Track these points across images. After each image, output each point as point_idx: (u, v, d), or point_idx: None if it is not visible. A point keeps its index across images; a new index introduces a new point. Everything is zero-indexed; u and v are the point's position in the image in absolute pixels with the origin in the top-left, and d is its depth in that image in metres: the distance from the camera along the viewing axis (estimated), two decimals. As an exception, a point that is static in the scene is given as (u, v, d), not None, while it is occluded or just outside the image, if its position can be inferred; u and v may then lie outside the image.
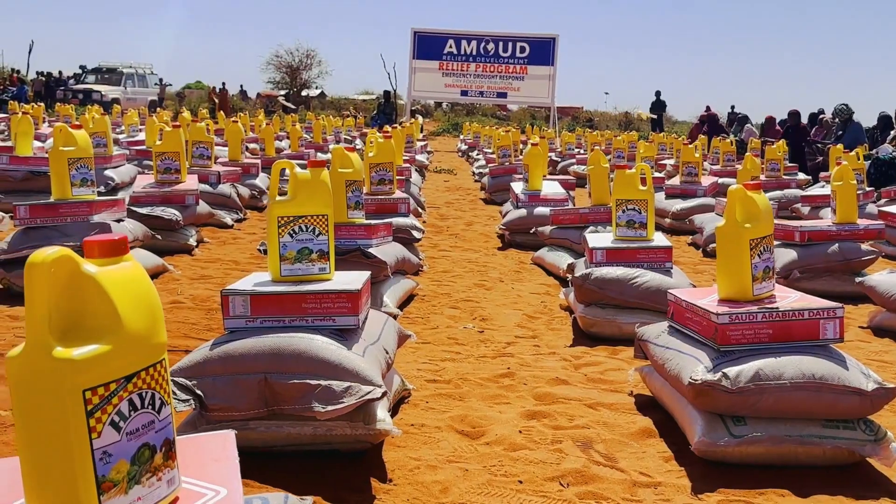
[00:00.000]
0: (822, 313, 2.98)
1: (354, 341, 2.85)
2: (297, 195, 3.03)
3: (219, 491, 1.45)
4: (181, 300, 4.90)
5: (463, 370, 3.86)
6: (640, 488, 2.69)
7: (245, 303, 2.84)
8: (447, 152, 20.90)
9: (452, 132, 29.02)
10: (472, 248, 7.34)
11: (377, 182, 6.21)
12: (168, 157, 6.95)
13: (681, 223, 8.48)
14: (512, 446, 2.98)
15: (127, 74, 30.91)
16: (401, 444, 2.96)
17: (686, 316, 3.20)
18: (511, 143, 11.45)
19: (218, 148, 10.30)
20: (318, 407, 2.61)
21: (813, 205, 8.85)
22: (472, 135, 20.87)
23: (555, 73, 25.45)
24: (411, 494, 2.59)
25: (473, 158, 16.60)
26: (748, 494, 2.65)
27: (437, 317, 4.87)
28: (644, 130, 27.31)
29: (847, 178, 6.01)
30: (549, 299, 5.42)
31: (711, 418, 2.88)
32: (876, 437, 2.84)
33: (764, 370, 2.82)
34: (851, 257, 5.70)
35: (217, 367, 2.70)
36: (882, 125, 13.62)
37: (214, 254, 6.52)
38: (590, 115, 38.27)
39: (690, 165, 9.16)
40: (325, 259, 3.07)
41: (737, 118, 19.65)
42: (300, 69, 39.89)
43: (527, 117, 33.92)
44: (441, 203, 10.64)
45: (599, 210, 6.23)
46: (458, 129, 28.09)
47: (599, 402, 3.48)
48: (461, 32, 26.06)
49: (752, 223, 3.10)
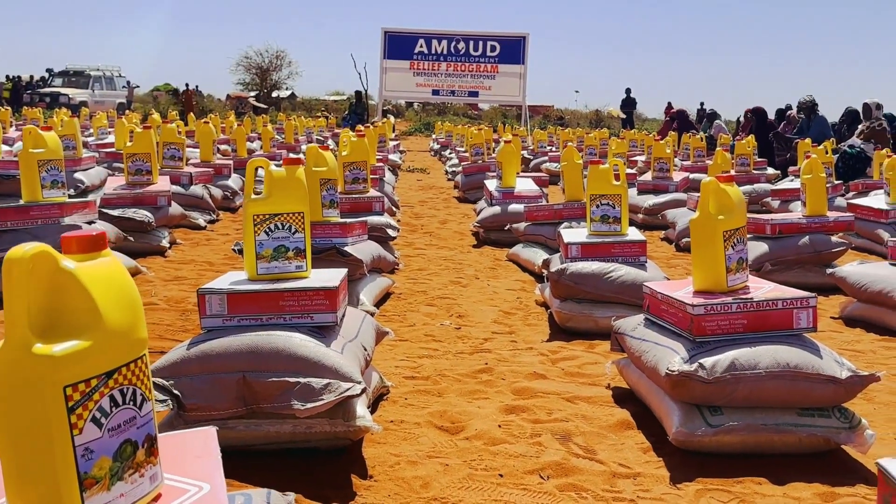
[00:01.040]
0: (796, 303, 3.02)
1: (333, 338, 2.85)
2: (272, 193, 3.02)
3: (202, 487, 1.45)
4: (155, 302, 4.86)
5: (441, 366, 3.87)
6: (619, 479, 2.70)
7: (222, 301, 2.82)
8: (420, 152, 20.89)
9: (424, 132, 29.01)
10: (447, 246, 7.35)
11: (351, 181, 6.20)
12: (139, 158, 6.89)
13: (653, 218, 8.53)
14: (491, 441, 2.99)
15: (95, 77, 30.55)
16: (381, 440, 2.96)
17: (662, 308, 3.23)
18: (483, 142, 11.47)
19: (189, 149, 10.23)
20: (298, 405, 2.60)
21: (783, 199, 8.95)
22: (444, 134, 20.88)
23: (525, 72, 25.56)
24: (392, 490, 2.59)
25: (446, 157, 16.61)
26: (726, 483, 2.67)
27: (414, 314, 4.87)
28: (615, 128, 27.47)
29: (816, 172, 6.08)
30: (525, 295, 5.44)
31: (688, 409, 2.90)
32: (850, 424, 2.87)
33: (739, 360, 2.85)
34: (822, 249, 5.78)
35: (194, 366, 2.69)
36: (849, 120, 13.79)
37: (188, 255, 6.48)
38: (560, 114, 38.47)
39: (662, 161, 9.23)
40: (302, 257, 3.06)
41: (706, 115, 19.84)
42: (270, 70, 39.66)
43: (498, 116, 34.01)
44: (415, 202, 10.63)
45: (573, 206, 6.26)
46: (430, 128, 28.08)
47: (577, 395, 3.50)
48: (432, 32, 26.08)
49: (725, 215, 3.13)
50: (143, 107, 31.84)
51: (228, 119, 17.44)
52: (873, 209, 7.39)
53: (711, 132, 16.86)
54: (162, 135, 8.22)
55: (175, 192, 7.35)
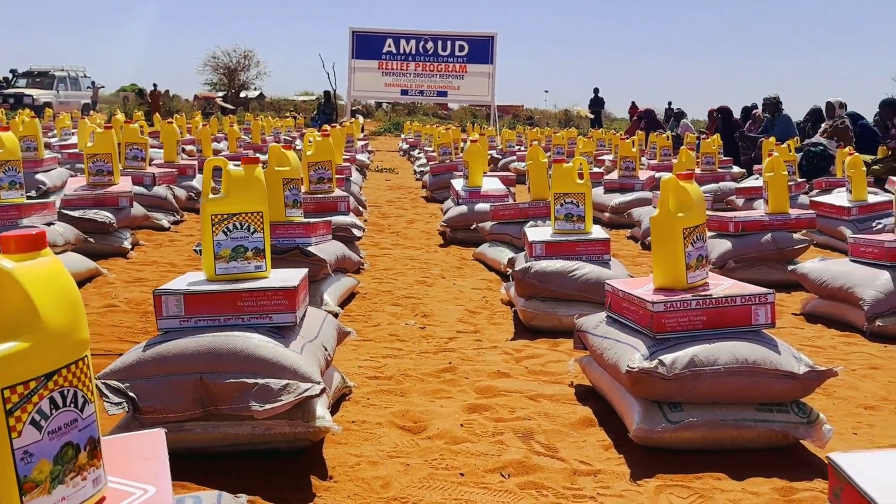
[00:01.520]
0: (754, 299, 3.04)
1: (292, 339, 2.82)
2: (230, 192, 2.99)
3: (147, 489, 1.42)
4: (116, 304, 4.80)
5: (404, 366, 3.85)
6: (580, 477, 2.71)
7: (178, 302, 2.79)
8: (389, 152, 20.84)
9: (394, 132, 28.95)
10: (414, 246, 7.33)
11: (316, 181, 6.17)
12: (100, 158, 6.80)
13: (619, 217, 8.57)
14: (453, 440, 2.98)
15: (59, 78, 30.14)
16: (342, 441, 2.94)
17: (623, 305, 3.24)
18: (451, 141, 11.47)
19: (154, 150, 10.13)
20: (256, 406, 2.58)
21: (747, 196, 9.03)
22: (413, 134, 20.85)
23: (494, 72, 25.58)
24: (352, 491, 2.57)
25: (415, 157, 16.57)
26: (685, 479, 2.68)
27: (379, 314, 4.85)
28: (584, 127, 27.59)
29: (778, 170, 6.14)
30: (491, 294, 5.44)
31: (649, 405, 2.91)
32: (809, 419, 2.90)
33: (699, 356, 2.86)
34: (784, 246, 5.83)
35: (150, 368, 2.65)
36: (813, 118, 13.96)
37: (150, 256, 6.41)
38: (530, 113, 38.60)
39: (628, 160, 9.28)
40: (261, 257, 3.03)
41: (673, 114, 19.99)
42: (238, 70, 39.40)
43: (468, 116, 34.04)
44: (382, 202, 10.60)
45: (539, 205, 6.27)
46: (400, 128, 28.05)
47: (540, 393, 3.50)
48: (400, 32, 26.03)
49: (685, 212, 3.15)
50: (109, 107, 31.50)
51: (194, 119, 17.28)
52: (835, 206, 7.49)
53: (678, 131, 16.99)
54: (124, 135, 8.12)
55: (137, 193, 7.26)
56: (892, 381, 3.76)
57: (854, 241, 4.88)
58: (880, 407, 3.42)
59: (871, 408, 3.42)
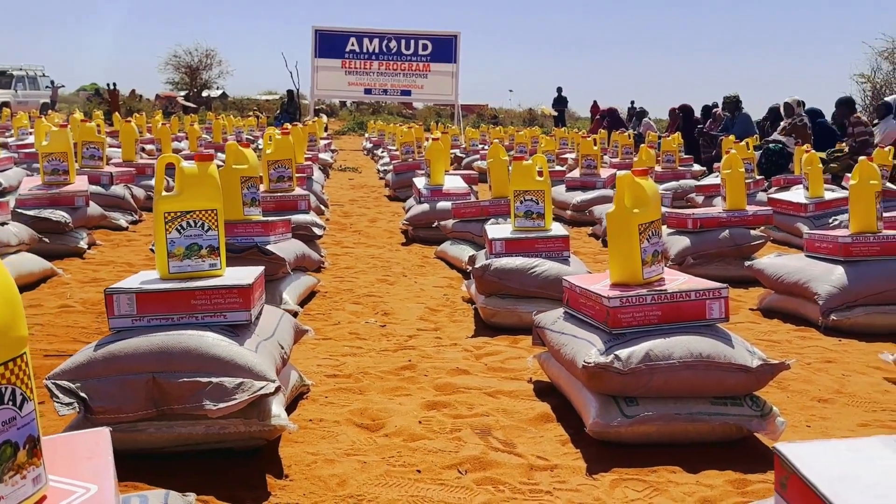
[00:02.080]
0: (708, 294, 3.07)
1: (247, 337, 2.80)
2: (184, 190, 2.95)
3: (89, 488, 1.40)
4: (70, 304, 4.72)
5: (364, 364, 3.84)
6: (536, 472, 2.71)
7: (131, 301, 2.75)
8: (353, 151, 20.78)
9: (358, 131, 28.85)
10: (376, 245, 7.31)
11: (276, 179, 6.13)
12: (55, 157, 6.70)
13: (581, 215, 8.62)
14: (411, 437, 2.97)
15: (17, 77, 29.60)
16: (298, 439, 2.92)
17: (580, 301, 3.25)
18: (414, 140, 11.45)
19: (114, 150, 10.00)
20: (210, 405, 2.55)
21: (707, 194, 9.12)
22: (376, 133, 20.80)
23: (458, 71, 25.60)
24: (308, 489, 2.56)
25: (378, 156, 16.54)
26: (641, 473, 2.70)
27: (339, 313, 4.83)
28: (548, 126, 27.71)
29: (736, 167, 6.21)
30: (452, 292, 5.44)
31: (605, 400, 2.93)
32: (762, 412, 2.93)
33: (654, 351, 2.88)
34: (741, 242, 5.90)
35: (101, 368, 2.61)
36: (772, 117, 14.13)
37: (107, 256, 6.32)
38: (495, 113, 38.64)
39: (589, 158, 9.33)
40: (216, 255, 3.00)
41: (635, 113, 20.15)
42: (200, 69, 38.95)
43: (432, 115, 34.02)
44: (345, 201, 10.56)
45: (500, 202, 6.28)
46: (364, 127, 27.95)
47: (499, 390, 3.50)
48: (363, 30, 25.94)
49: (640, 208, 3.17)
50: (68, 107, 31.03)
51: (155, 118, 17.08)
52: (793, 203, 7.59)
53: (640, 130, 17.13)
54: (81, 134, 8.00)
55: (95, 193, 7.17)
56: (845, 375, 3.81)
57: (809, 236, 4.95)
58: (833, 399, 3.47)
59: (825, 401, 3.47)
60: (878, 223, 4.71)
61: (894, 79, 18.44)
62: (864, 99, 18.47)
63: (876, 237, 4.65)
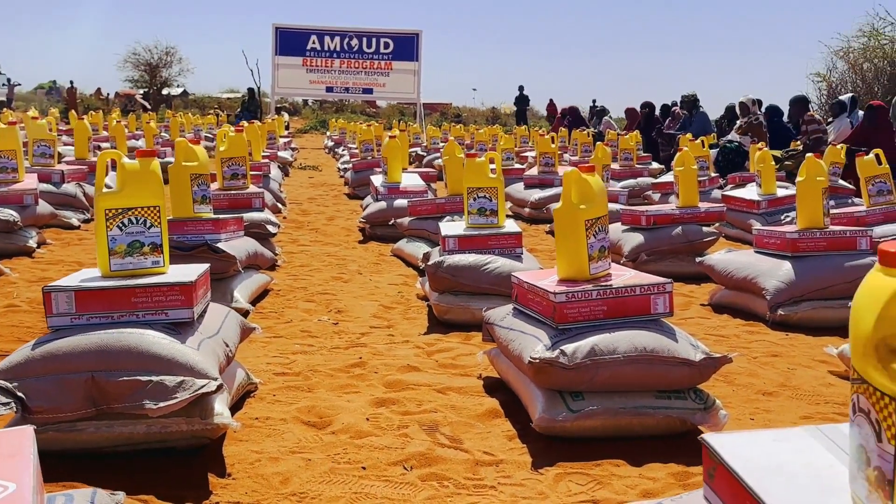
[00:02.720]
0: (653, 289, 3.10)
1: (189, 335, 2.77)
2: (125, 186, 2.91)
3: (7, 486, 1.37)
4: (17, 304, 4.64)
5: (314, 362, 3.82)
6: (482, 467, 2.72)
7: (69, 299, 2.71)
8: (315, 149, 20.67)
9: (320, 129, 28.70)
10: (333, 243, 7.28)
11: (230, 177, 6.07)
12: (4, 155, 6.58)
13: (539, 212, 8.66)
14: (358, 434, 2.96)
15: (-29, 75, 29.09)
16: (243, 438, 2.89)
17: (528, 297, 3.26)
18: (374, 138, 11.43)
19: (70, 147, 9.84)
20: (150, 404, 2.52)
21: (663, 192, 9.20)
22: (338, 131, 20.70)
23: (419, 69, 25.52)
24: (250, 487, 2.53)
25: (339, 154, 16.46)
26: (585, 466, 2.72)
27: (292, 311, 4.80)
28: (511, 125, 27.78)
29: (688, 164, 6.27)
30: (407, 290, 5.43)
31: (551, 395, 2.94)
32: (705, 405, 2.97)
33: (599, 345, 2.90)
34: (694, 239, 5.96)
35: (39, 367, 2.57)
36: (729, 116, 14.30)
37: (57, 255, 6.22)
38: (458, 111, 38.65)
39: (547, 156, 9.37)
40: (159, 252, 2.96)
41: (596, 111, 20.29)
42: (160, 67, 38.43)
43: (396, 114, 33.93)
44: (304, 199, 10.50)
45: (455, 199, 6.27)
46: (326, 126, 27.80)
47: (449, 386, 3.50)
48: (324, 28, 25.76)
49: (587, 204, 3.18)
50: (25, 105, 30.49)
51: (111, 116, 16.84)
52: (745, 200, 7.69)
53: (601, 128, 17.24)
54: (32, 132, 7.86)
55: (45, 191, 7.06)
56: (790, 368, 3.87)
57: (758, 232, 5.01)
58: (778, 392, 3.52)
59: (770, 394, 3.51)
60: (824, 219, 4.79)
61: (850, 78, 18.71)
62: (821, 98, 18.72)
63: (822, 233, 4.72)
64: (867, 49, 18.48)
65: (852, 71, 18.63)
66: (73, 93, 28.68)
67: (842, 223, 5.74)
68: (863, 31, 18.52)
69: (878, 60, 18.12)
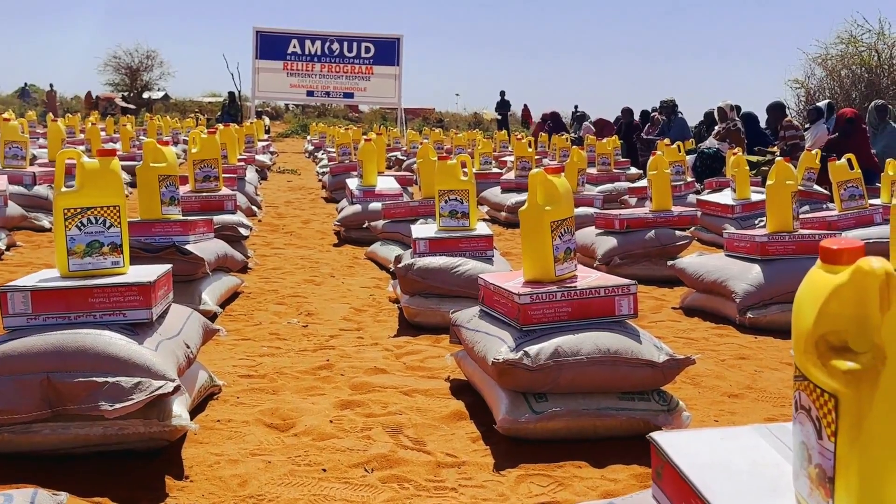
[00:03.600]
0: (617, 290, 3.09)
1: (147, 336, 2.74)
2: (84, 186, 2.88)
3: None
4: (-18, 306, 4.58)
5: (281, 364, 3.79)
6: (443, 469, 2.70)
7: (25, 299, 2.67)
8: (295, 153, 20.60)
9: (301, 133, 28.60)
10: (307, 246, 7.24)
11: (202, 179, 6.03)
12: (-27, 157, 6.52)
13: (515, 216, 8.59)
14: (320, 436, 2.93)
15: (-52, 77, 28.86)
16: (203, 440, 2.86)
17: (494, 299, 3.25)
18: (351, 142, 11.40)
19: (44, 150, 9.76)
20: (106, 405, 2.49)
21: (639, 196, 9.23)
22: (318, 135, 20.66)
23: (400, 73, 25.49)
24: (207, 490, 2.50)
25: (319, 158, 16.42)
26: (547, 468, 2.70)
27: (262, 313, 4.77)
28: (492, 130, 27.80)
29: (661, 168, 6.29)
30: (379, 292, 5.40)
31: (515, 397, 2.93)
32: (669, 407, 2.97)
33: (563, 347, 2.89)
34: (667, 243, 5.98)
35: (-8, 368, 2.53)
36: (708, 121, 14.37)
37: (26, 258, 6.16)
38: (440, 116, 38.65)
39: (524, 160, 9.38)
40: (119, 252, 2.92)
41: (577, 117, 20.37)
42: (140, 70, 38.24)
43: (378, 118, 33.88)
44: (281, 202, 10.45)
45: (429, 202, 6.24)
46: (308, 130, 27.71)
47: (415, 388, 3.48)
48: (305, 32, 25.68)
49: (552, 206, 3.17)
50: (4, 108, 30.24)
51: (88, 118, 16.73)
52: (720, 205, 7.73)
53: (580, 133, 17.30)
54: (3, 133, 7.79)
55: (17, 193, 7.00)
56: (757, 371, 3.88)
57: (729, 236, 5.03)
58: (743, 395, 3.53)
59: (735, 396, 3.52)
60: (794, 223, 4.81)
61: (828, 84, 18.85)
62: (799, 104, 18.86)
63: (792, 236, 4.74)
64: (845, 56, 18.63)
65: (830, 78, 18.77)
66: (52, 96, 28.49)
67: (814, 228, 5.78)
68: (841, 39, 18.67)
69: (856, 67, 18.27)
